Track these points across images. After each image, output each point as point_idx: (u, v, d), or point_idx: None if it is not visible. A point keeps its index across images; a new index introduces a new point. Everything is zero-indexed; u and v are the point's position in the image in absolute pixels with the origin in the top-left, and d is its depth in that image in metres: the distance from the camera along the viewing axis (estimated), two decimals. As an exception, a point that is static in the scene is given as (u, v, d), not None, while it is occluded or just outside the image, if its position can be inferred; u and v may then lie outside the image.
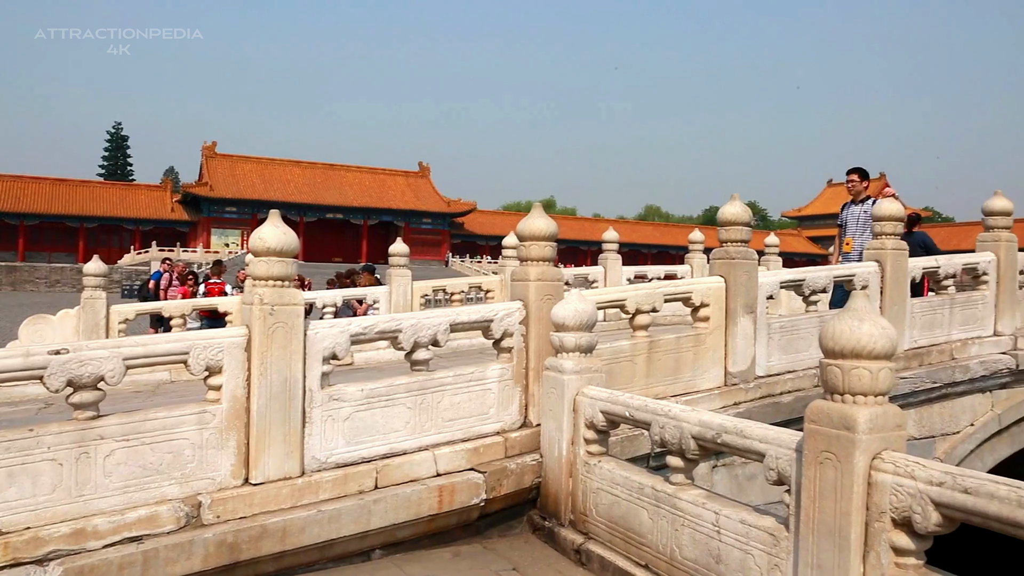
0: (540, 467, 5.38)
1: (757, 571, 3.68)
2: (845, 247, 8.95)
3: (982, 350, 8.06)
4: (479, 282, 13.15)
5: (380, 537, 4.83)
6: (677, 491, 4.24)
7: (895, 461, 3.09)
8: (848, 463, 3.15)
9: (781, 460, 3.57)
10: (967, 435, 7.92)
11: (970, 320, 8.12)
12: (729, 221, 6.55)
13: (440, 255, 69.31)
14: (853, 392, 3.18)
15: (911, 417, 7.54)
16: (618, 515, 4.65)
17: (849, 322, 3.19)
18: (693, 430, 4.13)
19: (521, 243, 5.85)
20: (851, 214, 8.99)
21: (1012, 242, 8.37)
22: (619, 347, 6.00)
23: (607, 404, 4.82)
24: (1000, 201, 8.39)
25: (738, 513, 3.86)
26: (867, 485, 3.13)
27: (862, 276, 7.28)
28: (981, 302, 8.22)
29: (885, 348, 3.17)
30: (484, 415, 5.46)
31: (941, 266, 7.95)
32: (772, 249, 15.38)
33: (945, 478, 2.90)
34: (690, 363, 6.29)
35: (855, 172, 9.03)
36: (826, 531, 3.25)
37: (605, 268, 13.52)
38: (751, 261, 6.52)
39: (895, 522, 3.06)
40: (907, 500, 3.00)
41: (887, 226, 7.49)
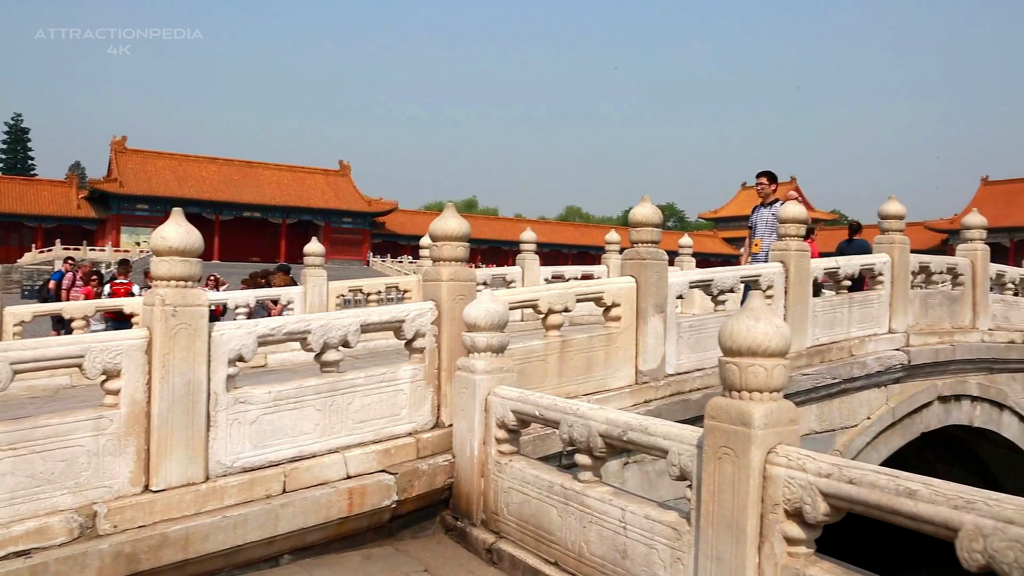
0: (452, 467, 5.37)
1: (661, 565, 3.77)
2: (754, 248, 9.25)
3: (878, 347, 8.44)
4: (396, 282, 13.06)
5: (288, 542, 4.74)
6: (585, 488, 4.30)
7: (788, 455, 3.21)
8: (745, 458, 3.26)
9: (683, 456, 3.67)
10: (864, 428, 8.29)
11: (867, 318, 8.50)
12: (640, 222, 6.68)
13: (361, 255, 68.51)
14: (750, 389, 3.29)
15: (813, 412, 7.84)
16: (529, 513, 4.69)
17: (746, 321, 3.29)
18: (600, 428, 4.20)
19: (433, 243, 5.84)
20: (760, 216, 9.29)
21: (905, 244, 8.80)
22: (532, 347, 6.05)
23: (518, 404, 4.86)
24: (894, 205, 8.81)
25: (643, 509, 3.94)
26: (762, 479, 3.24)
27: (767, 276, 7.53)
28: (877, 301, 8.61)
29: (780, 346, 3.28)
30: (396, 416, 5.42)
31: (841, 267, 8.30)
32: (686, 250, 15.76)
33: (832, 470, 3.03)
34: (602, 362, 6.39)
35: (764, 175, 9.33)
36: (725, 524, 3.36)
37: (523, 268, 13.61)
38: (661, 262, 6.67)
39: (788, 513, 3.18)
40: (798, 492, 3.12)
41: (791, 228, 7.77)
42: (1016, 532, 2.45)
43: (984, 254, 9.87)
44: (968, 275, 9.77)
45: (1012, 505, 2.51)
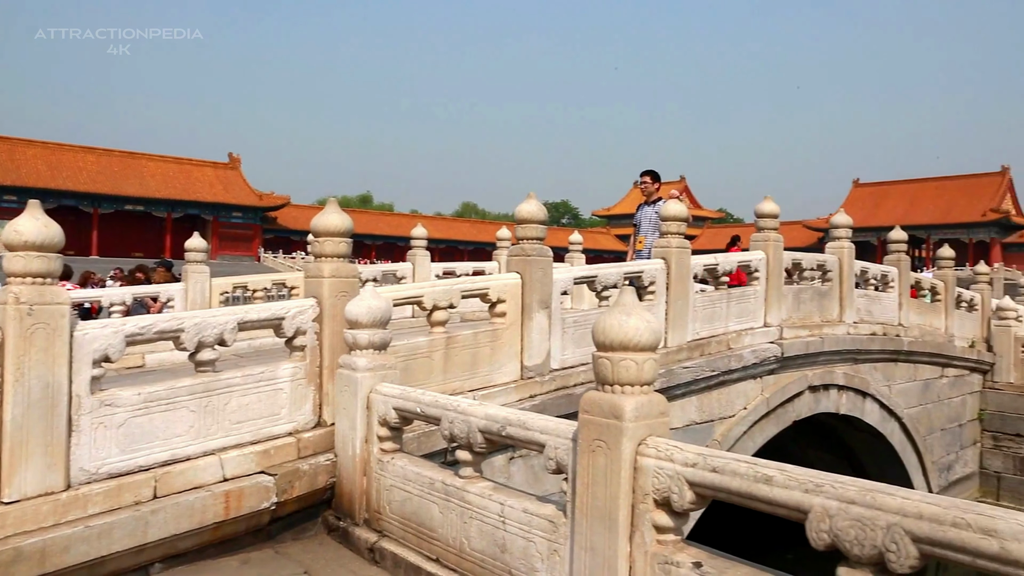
0: (334, 466, 5.29)
1: (538, 557, 3.82)
2: (638, 245, 9.50)
3: (754, 340, 8.82)
4: (284, 278, 12.72)
5: (160, 550, 4.55)
6: (466, 484, 4.31)
7: (657, 446, 3.31)
8: (616, 450, 3.34)
9: (559, 450, 3.73)
10: (741, 418, 8.65)
11: (744, 313, 8.87)
12: (525, 219, 6.74)
13: (252, 250, 66.46)
14: (621, 383, 3.37)
15: (693, 403, 8.13)
16: (411, 511, 4.66)
17: (618, 317, 3.37)
18: (480, 424, 4.22)
19: (315, 239, 5.72)
20: (644, 215, 9.55)
21: (779, 242, 9.24)
22: (416, 343, 6.02)
23: (399, 401, 4.82)
24: (769, 205, 9.23)
25: (522, 503, 3.98)
26: (633, 470, 3.33)
27: (650, 273, 7.75)
28: (753, 296, 9.00)
29: (650, 341, 3.38)
30: (276, 416, 5.29)
31: (719, 263, 8.62)
32: (576, 246, 16.02)
33: (697, 459, 3.14)
34: (487, 358, 6.42)
35: (648, 174, 9.59)
36: (598, 515, 3.43)
37: (414, 264, 13.52)
38: (546, 258, 6.75)
39: (657, 503, 3.28)
40: (667, 481, 3.22)
41: (672, 226, 8.01)
42: (857, 512, 2.60)
43: (850, 252, 10.46)
44: (836, 272, 10.34)
45: (854, 487, 2.67)
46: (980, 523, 2.35)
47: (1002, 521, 2.32)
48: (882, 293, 11.55)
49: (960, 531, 2.38)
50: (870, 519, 2.57)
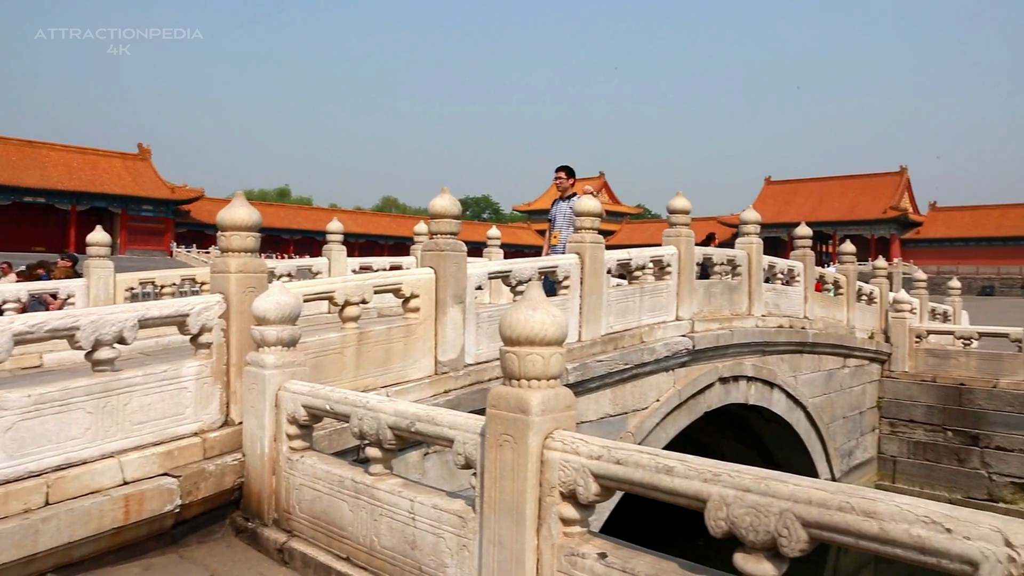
0: (242, 466, 5.16)
1: (448, 553, 3.81)
2: (553, 240, 9.58)
3: (666, 333, 9.01)
4: (194, 274, 12.34)
5: (52, 559, 4.34)
6: (375, 481, 4.27)
7: (563, 439, 3.34)
8: (523, 444, 3.35)
9: (468, 445, 3.72)
10: (654, 410, 8.83)
11: (657, 307, 9.05)
12: (439, 214, 6.71)
13: (163, 245, 64.33)
14: (528, 377, 3.39)
15: (607, 396, 8.25)
16: (320, 510, 4.59)
17: (524, 311, 3.39)
18: (389, 420, 4.18)
19: (222, 233, 5.56)
20: (559, 210, 9.63)
21: (690, 237, 9.46)
22: (328, 340, 5.92)
23: (308, 398, 4.74)
24: (680, 201, 9.44)
25: (431, 499, 3.97)
26: (540, 463, 3.36)
27: (564, 267, 7.82)
28: (666, 290, 9.19)
29: (556, 335, 3.40)
30: (180, 416, 5.12)
31: (633, 258, 8.77)
32: (494, 241, 16.06)
33: (602, 452, 3.19)
34: (401, 353, 6.37)
35: (562, 170, 9.68)
36: (506, 509, 3.44)
37: (329, 259, 13.31)
38: (460, 253, 6.74)
39: (563, 495, 3.31)
40: (572, 474, 3.25)
41: (586, 221, 8.11)
42: (752, 499, 2.69)
43: (758, 247, 10.80)
44: (745, 266, 10.66)
45: (750, 475, 2.75)
46: (863, 506, 2.46)
47: (882, 504, 2.43)
48: (789, 287, 11.97)
49: (845, 515, 2.49)
50: (764, 506, 2.66)
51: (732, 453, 13.57)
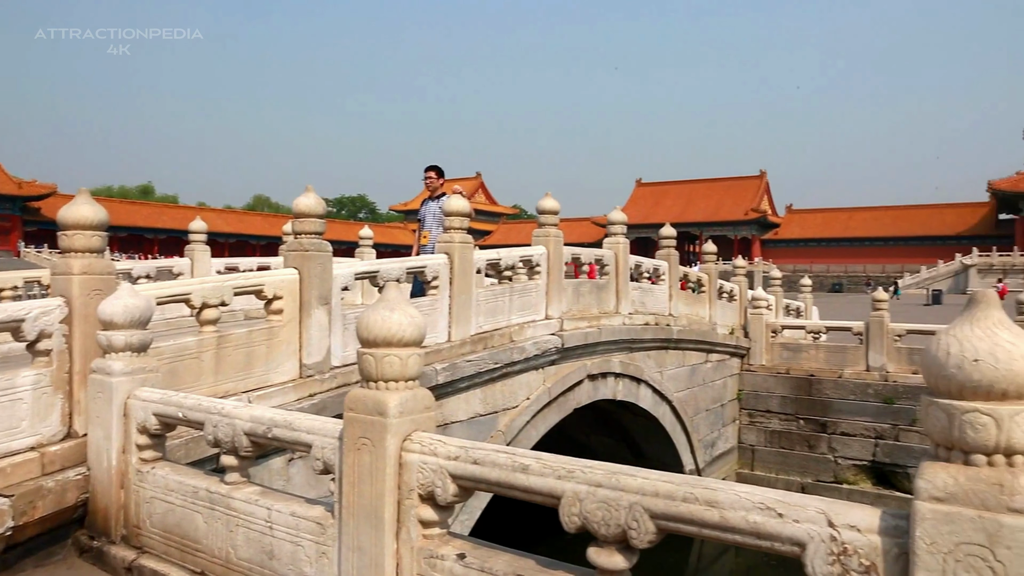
0: (87, 481, 4.84)
1: (307, 561, 3.71)
2: (423, 240, 9.53)
3: (536, 332, 9.14)
4: (38, 276, 11.48)
5: None
6: (231, 491, 4.11)
7: (422, 441, 3.32)
8: (381, 447, 3.31)
9: (326, 449, 3.64)
10: (524, 408, 8.93)
11: (527, 306, 9.16)
12: (303, 213, 6.54)
13: (10, 244, 59.81)
14: (386, 379, 3.34)
15: (477, 396, 8.28)
16: (173, 523, 4.37)
17: (381, 312, 3.34)
18: (245, 426, 4.03)
19: (63, 232, 5.20)
20: (428, 210, 9.59)
21: (559, 237, 9.62)
22: (184, 344, 5.65)
23: (160, 406, 4.50)
24: (549, 202, 9.59)
25: (289, 506, 3.85)
26: (398, 466, 3.32)
27: (433, 267, 7.79)
28: (535, 290, 9.31)
29: (414, 336, 3.37)
30: (15, 429, 4.76)
31: (502, 258, 8.84)
32: (367, 241, 15.81)
33: (460, 452, 3.18)
34: (263, 357, 6.16)
35: (432, 169, 9.63)
36: (365, 514, 3.38)
37: (192, 260, 12.72)
38: (325, 253, 6.59)
39: (422, 497, 3.29)
40: (431, 476, 3.24)
41: (455, 221, 8.10)
42: (604, 494, 2.75)
43: (625, 247, 11.12)
44: (612, 266, 10.95)
45: (601, 471, 2.82)
46: (705, 496, 2.56)
47: (722, 493, 2.54)
48: (655, 286, 12.40)
49: (690, 505, 2.58)
50: (614, 500, 2.73)
51: (603, 448, 13.93)
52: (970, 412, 2.06)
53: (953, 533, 2.08)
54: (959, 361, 2.07)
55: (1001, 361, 2.02)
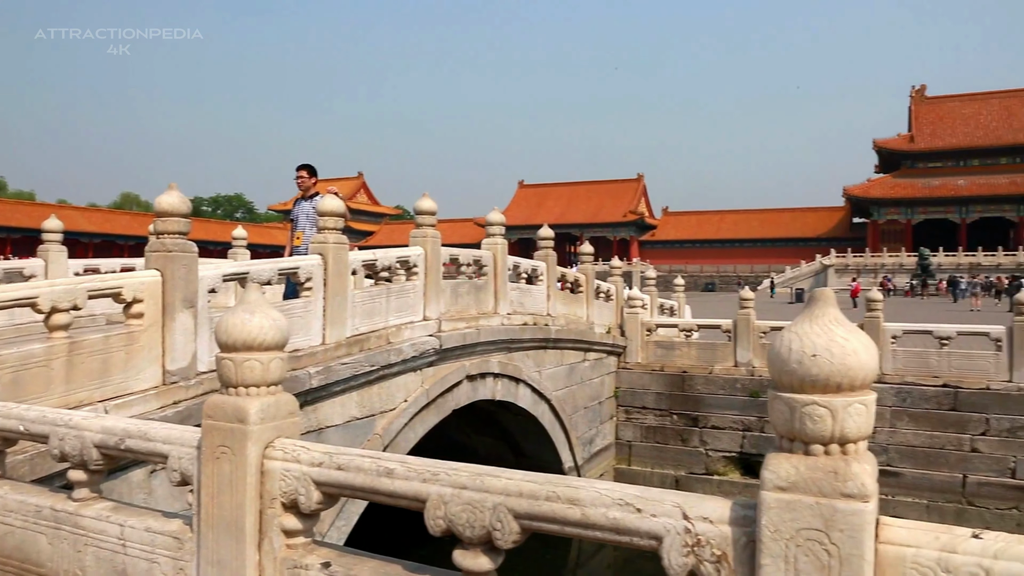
0: (-86, 505, 4.42)
1: (163, 578, 3.53)
2: (296, 241, 9.27)
3: (414, 333, 9.06)
4: None
5: None
6: (80, 508, 3.84)
7: (285, 448, 3.21)
8: (242, 455, 3.18)
9: (183, 460, 3.46)
10: (402, 410, 8.84)
11: (404, 307, 9.07)
12: (166, 212, 6.24)
13: None
14: (246, 384, 3.21)
15: (354, 399, 8.13)
16: (13, 547, 4.05)
17: (241, 315, 3.21)
18: (95, 438, 3.78)
19: None
20: (301, 210, 9.34)
21: (436, 238, 9.58)
22: (30, 351, 5.27)
23: (-2, 419, 4.17)
24: (427, 202, 9.54)
25: (144, 521, 3.64)
26: (260, 475, 3.20)
27: (306, 269, 7.59)
28: (413, 291, 9.23)
29: (276, 339, 3.26)
30: None
31: (379, 259, 8.72)
32: (240, 242, 15.26)
33: (323, 458, 3.10)
34: (122, 364, 5.83)
35: (304, 168, 9.39)
36: (225, 526, 3.24)
37: (46, 261, 11.90)
38: (190, 254, 6.31)
39: (285, 506, 3.18)
40: (294, 483, 3.13)
41: (329, 221, 7.93)
42: (468, 496, 2.74)
43: (503, 248, 11.20)
44: (491, 266, 11.00)
45: (466, 472, 2.80)
46: (567, 494, 2.59)
47: (583, 491, 2.57)
48: (533, 286, 12.54)
49: (552, 504, 2.61)
50: (479, 501, 2.72)
51: (485, 448, 13.99)
52: (809, 405, 2.17)
53: (795, 520, 2.18)
54: (799, 356, 2.18)
55: (836, 356, 2.14)
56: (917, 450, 13.34)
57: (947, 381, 13.28)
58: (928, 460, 13.25)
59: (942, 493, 13.15)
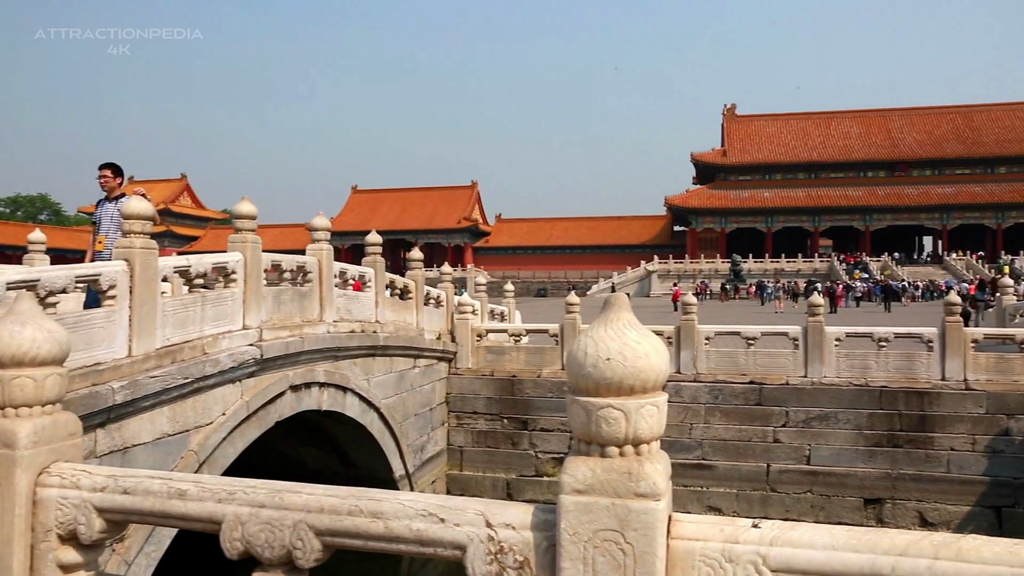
0: None
1: (-84, 628, 3.10)
2: (98, 246, 8.57)
3: (232, 343, 8.61)
4: None
5: None
6: None
7: (63, 473, 2.92)
8: (9, 484, 2.86)
9: (-59, 492, 3.07)
10: (220, 424, 8.37)
11: (221, 316, 8.60)
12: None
13: None
14: (15, 404, 2.90)
15: (165, 414, 7.60)
16: None
17: (10, 327, 2.89)
18: None
19: None
20: (104, 211, 8.65)
21: (257, 243, 9.16)
22: None
23: None
24: (246, 206, 9.11)
25: None
26: (32, 505, 2.89)
27: (109, 276, 7.02)
28: (231, 298, 8.77)
29: (53, 353, 2.96)
30: None
31: (192, 265, 8.22)
32: (38, 246, 13.93)
33: (107, 482, 2.84)
34: None
35: (107, 167, 8.70)
36: (-10, 563, 2.90)
37: None
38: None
39: (62, 538, 2.89)
40: (73, 512, 2.85)
41: (136, 224, 7.38)
42: (267, 515, 2.59)
43: (329, 253, 10.90)
44: (316, 273, 10.67)
45: (265, 490, 2.66)
46: (370, 508, 2.51)
47: (387, 503, 2.50)
48: (361, 293, 12.29)
49: (355, 518, 2.52)
50: (278, 520, 2.59)
51: (313, 459, 13.54)
52: (604, 408, 2.21)
53: (592, 522, 2.22)
54: (594, 360, 2.22)
55: (628, 359, 2.19)
56: (728, 443, 14.25)
57: (753, 378, 14.29)
58: (738, 452, 14.19)
59: (749, 482, 14.12)
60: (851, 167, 78.74)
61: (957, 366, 13.40)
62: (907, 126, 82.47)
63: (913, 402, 13.46)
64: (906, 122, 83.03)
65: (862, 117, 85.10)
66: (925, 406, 13.40)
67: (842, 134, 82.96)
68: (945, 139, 79.63)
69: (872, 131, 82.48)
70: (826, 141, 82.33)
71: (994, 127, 79.95)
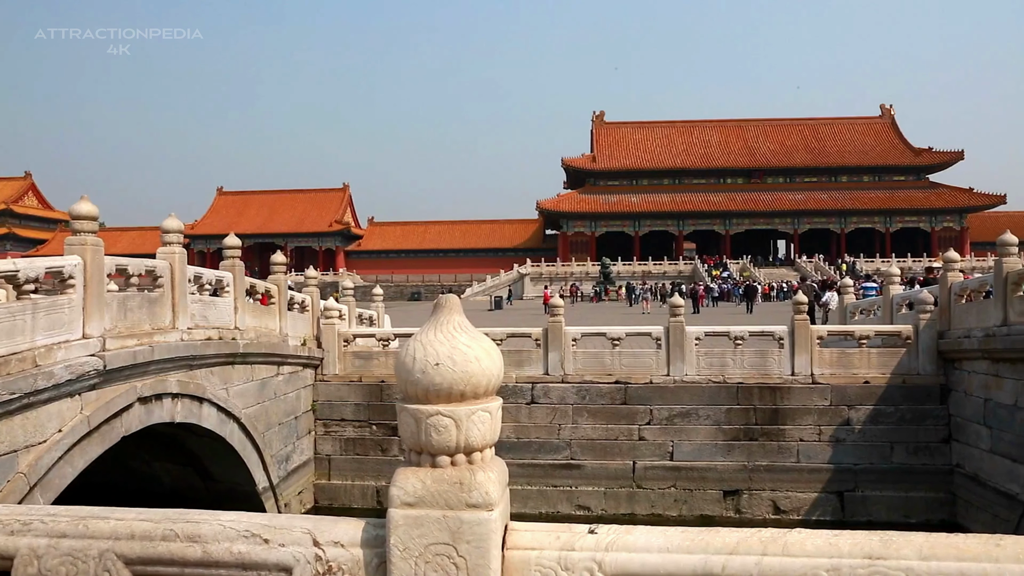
0: None
1: None
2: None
3: (70, 354, 7.97)
4: None
5: None
6: None
7: None
8: None
9: None
10: (55, 442, 7.74)
11: (56, 324, 7.94)
12: None
13: None
14: None
15: (-12, 434, 6.94)
16: None
17: None
18: None
19: None
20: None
21: (98, 246, 8.53)
22: None
23: None
24: (85, 206, 8.47)
25: None
26: None
27: (-82, 282, 6.33)
28: (68, 305, 8.13)
29: None
30: None
31: (21, 269, 7.56)
32: None
33: None
34: None
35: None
36: None
37: None
38: None
39: None
40: None
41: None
42: (69, 545, 2.35)
43: (182, 257, 10.32)
44: (167, 277, 10.07)
45: (67, 518, 2.40)
46: (187, 531, 2.31)
47: (206, 525, 2.31)
48: (218, 298, 11.71)
49: (170, 544, 2.31)
50: (82, 550, 2.34)
51: (169, 476, 12.80)
52: (434, 415, 2.12)
53: (423, 536, 2.11)
54: (423, 366, 2.12)
55: (458, 363, 2.10)
56: (596, 443, 14.50)
57: (619, 378, 14.61)
58: (605, 451, 14.47)
59: (616, 480, 14.42)
60: (712, 174, 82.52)
61: (805, 361, 14.18)
62: (762, 136, 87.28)
63: (767, 397, 14.15)
64: (761, 132, 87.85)
65: (722, 126, 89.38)
66: (777, 400, 14.11)
67: (703, 142, 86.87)
68: (795, 149, 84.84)
69: (731, 140, 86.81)
70: (689, 148, 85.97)
71: (836, 139, 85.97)
